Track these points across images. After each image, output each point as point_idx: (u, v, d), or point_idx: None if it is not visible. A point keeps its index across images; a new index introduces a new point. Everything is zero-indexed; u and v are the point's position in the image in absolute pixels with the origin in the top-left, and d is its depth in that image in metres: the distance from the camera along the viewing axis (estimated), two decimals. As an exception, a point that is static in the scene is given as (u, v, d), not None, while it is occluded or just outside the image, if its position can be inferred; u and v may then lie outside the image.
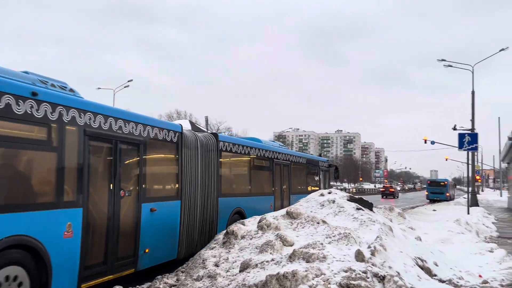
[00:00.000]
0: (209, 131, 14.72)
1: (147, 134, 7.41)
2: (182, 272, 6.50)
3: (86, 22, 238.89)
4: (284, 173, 13.27)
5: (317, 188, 15.12)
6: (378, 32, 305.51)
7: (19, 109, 5.09)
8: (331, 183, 19.89)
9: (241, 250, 6.67)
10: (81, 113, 5.99)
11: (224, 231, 7.35)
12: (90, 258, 6.04)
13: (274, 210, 10.87)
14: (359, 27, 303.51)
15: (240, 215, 10.14)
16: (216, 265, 6.39)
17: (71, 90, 6.42)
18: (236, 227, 7.21)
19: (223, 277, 5.98)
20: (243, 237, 7.00)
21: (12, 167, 5.24)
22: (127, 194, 6.86)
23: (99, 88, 47.38)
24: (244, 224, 7.46)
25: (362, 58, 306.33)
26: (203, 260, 6.59)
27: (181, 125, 8.82)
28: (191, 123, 12.45)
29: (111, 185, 6.56)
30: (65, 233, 5.63)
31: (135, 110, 8.90)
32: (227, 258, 6.50)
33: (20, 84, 5.29)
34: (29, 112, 5.21)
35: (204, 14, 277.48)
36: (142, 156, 7.27)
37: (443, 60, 30.42)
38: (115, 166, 6.62)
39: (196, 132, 9.61)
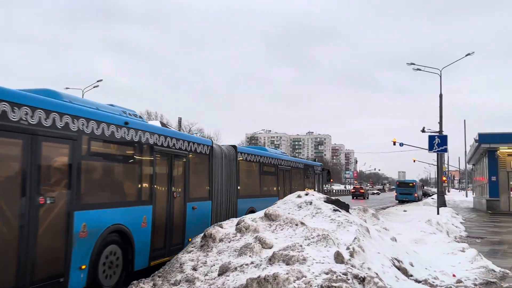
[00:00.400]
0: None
1: (190, 148, 9.42)
2: (159, 276, 6.31)
3: (53, 20, 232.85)
4: (286, 176, 15.36)
5: (313, 189, 17.50)
6: (346, 35, 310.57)
7: (117, 134, 6.98)
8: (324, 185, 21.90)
9: (219, 253, 6.54)
10: (151, 135, 7.96)
11: (202, 234, 7.21)
12: (156, 243, 7.92)
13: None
14: (327, 29, 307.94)
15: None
16: (194, 269, 6.23)
17: (140, 116, 8.40)
18: (214, 229, 7.07)
19: (202, 281, 5.85)
20: (221, 240, 6.87)
21: (114, 176, 7.25)
22: (178, 195, 8.77)
23: (67, 88, 45.91)
24: (222, 227, 7.33)
25: (331, 60, 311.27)
26: (180, 264, 6.42)
27: (212, 140, 10.95)
28: (162, 124, 12.25)
29: (168, 187, 8.47)
30: (142, 223, 7.52)
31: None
32: (205, 261, 6.35)
33: (118, 117, 7.22)
34: (123, 136, 7.12)
35: (174, 14, 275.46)
36: (187, 165, 9.22)
37: (412, 63, 31.08)
38: (170, 173, 8.56)
39: (220, 145, 11.71)
